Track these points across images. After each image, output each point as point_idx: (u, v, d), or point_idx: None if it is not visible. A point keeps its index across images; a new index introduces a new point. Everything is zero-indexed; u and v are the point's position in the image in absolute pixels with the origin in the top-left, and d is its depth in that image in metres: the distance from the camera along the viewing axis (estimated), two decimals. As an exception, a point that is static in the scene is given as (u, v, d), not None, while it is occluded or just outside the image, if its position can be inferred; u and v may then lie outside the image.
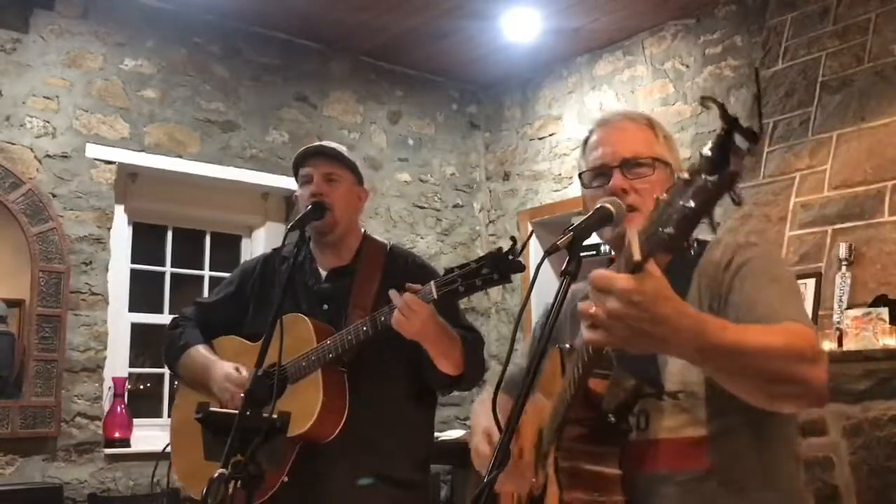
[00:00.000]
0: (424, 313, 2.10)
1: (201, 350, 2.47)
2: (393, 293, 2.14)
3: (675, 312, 1.15)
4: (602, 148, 1.62)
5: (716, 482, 1.44)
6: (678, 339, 1.17)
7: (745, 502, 1.45)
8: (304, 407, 2.20)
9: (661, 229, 1.05)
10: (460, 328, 2.32)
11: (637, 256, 1.08)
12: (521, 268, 2.03)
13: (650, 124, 1.66)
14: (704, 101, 1.11)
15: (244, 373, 2.31)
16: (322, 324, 2.33)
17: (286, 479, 2.20)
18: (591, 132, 1.69)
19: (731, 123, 1.02)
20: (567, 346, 1.57)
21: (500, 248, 2.03)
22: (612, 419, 1.43)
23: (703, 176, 1.02)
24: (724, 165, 1.02)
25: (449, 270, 2.10)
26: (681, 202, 1.03)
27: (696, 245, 1.34)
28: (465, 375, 2.28)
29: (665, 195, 1.07)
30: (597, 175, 1.63)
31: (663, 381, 1.46)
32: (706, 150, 1.03)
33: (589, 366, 1.35)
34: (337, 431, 2.22)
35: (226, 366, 2.37)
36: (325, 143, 2.56)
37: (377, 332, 2.19)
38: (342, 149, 2.49)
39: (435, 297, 2.10)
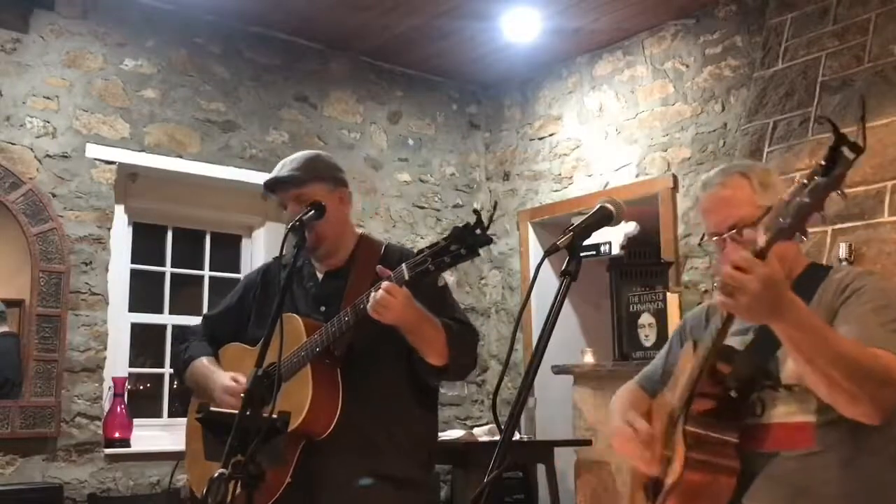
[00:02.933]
0: (401, 298, 2.09)
1: (204, 362, 2.50)
2: (380, 269, 2.13)
3: (788, 299, 1.46)
4: (709, 218, 1.86)
5: (823, 458, 1.64)
6: (783, 318, 1.47)
7: (849, 471, 1.63)
8: (295, 402, 2.19)
9: (780, 220, 1.37)
10: (452, 321, 2.29)
11: (761, 244, 1.36)
12: (488, 241, 2.01)
13: (745, 175, 1.82)
14: (821, 118, 1.44)
15: (242, 380, 2.31)
16: (312, 321, 2.31)
17: (290, 480, 2.20)
18: (699, 196, 1.91)
19: (839, 138, 1.32)
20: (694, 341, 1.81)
21: (466, 223, 2.00)
22: (734, 394, 1.66)
23: (816, 178, 1.33)
24: (833, 169, 1.32)
25: (420, 251, 2.08)
26: (798, 198, 1.35)
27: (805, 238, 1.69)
28: (451, 365, 2.25)
29: (786, 195, 1.38)
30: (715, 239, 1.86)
31: (780, 375, 1.68)
32: (821, 161, 1.33)
33: (717, 344, 1.63)
34: (331, 426, 2.20)
35: (223, 377, 2.38)
36: (285, 164, 2.38)
37: (358, 319, 2.17)
38: (300, 163, 2.35)
39: (406, 278, 2.08)
